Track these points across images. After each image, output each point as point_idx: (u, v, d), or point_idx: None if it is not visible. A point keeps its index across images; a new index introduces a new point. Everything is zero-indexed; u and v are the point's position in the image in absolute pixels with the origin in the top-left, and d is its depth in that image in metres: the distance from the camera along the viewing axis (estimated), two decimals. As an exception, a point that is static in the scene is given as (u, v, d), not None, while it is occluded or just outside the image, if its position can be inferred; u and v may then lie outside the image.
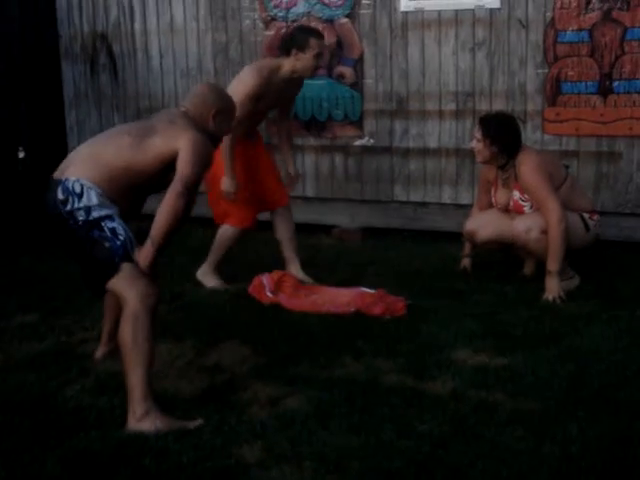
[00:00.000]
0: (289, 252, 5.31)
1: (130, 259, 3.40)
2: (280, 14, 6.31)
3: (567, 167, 5.13)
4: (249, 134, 5.14)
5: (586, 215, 5.00)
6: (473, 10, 5.86)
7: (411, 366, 3.88)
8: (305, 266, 5.49)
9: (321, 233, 6.49)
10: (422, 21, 6.01)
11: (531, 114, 5.82)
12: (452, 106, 6.04)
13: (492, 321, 4.45)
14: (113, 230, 3.40)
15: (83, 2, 7.03)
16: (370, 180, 6.39)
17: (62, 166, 3.56)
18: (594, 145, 5.70)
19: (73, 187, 3.40)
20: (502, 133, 4.86)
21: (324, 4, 6.22)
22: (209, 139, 3.60)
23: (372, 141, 6.32)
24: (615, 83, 5.58)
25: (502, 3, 5.77)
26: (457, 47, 5.95)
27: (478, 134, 4.90)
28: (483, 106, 5.93)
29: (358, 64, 6.25)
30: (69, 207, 3.38)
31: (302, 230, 6.37)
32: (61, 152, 7.11)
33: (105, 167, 3.46)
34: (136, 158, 3.47)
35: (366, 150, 6.35)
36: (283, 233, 5.32)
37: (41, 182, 3.67)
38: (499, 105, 5.88)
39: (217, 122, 3.68)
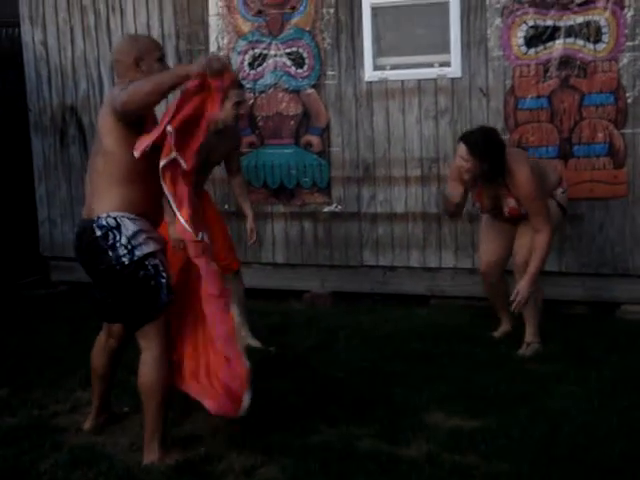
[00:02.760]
0: (239, 318, 5.30)
1: (170, 296, 3.58)
2: (248, 85, 6.43)
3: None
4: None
5: (559, 192, 5.08)
6: (435, 79, 6.03)
7: (385, 431, 3.91)
8: (276, 331, 5.53)
9: (292, 299, 6.53)
10: (386, 90, 6.16)
11: (495, 179, 5.95)
12: (417, 172, 6.17)
13: (464, 383, 4.50)
14: (156, 267, 3.54)
15: (52, 75, 7.12)
16: (339, 245, 6.47)
17: (85, 210, 3.68)
18: (557, 208, 5.83)
19: (107, 222, 3.52)
20: (490, 150, 4.78)
21: (290, 75, 6.36)
22: None
23: (340, 207, 6.41)
24: (575, 147, 5.74)
25: (463, 72, 5.95)
26: (421, 115, 6.10)
27: (464, 154, 4.78)
28: (447, 172, 6.03)
29: (325, 132, 6.37)
30: (111, 241, 3.50)
31: (272, 296, 6.43)
32: (31, 223, 7.21)
33: (111, 188, 3.54)
34: (114, 155, 3.54)
35: (335, 216, 6.44)
36: (233, 299, 5.31)
37: (11, 253, 3.73)
38: (463, 170, 6.01)
39: (143, 68, 3.61)
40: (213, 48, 6.53)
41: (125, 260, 3.50)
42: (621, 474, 3.40)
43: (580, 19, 5.65)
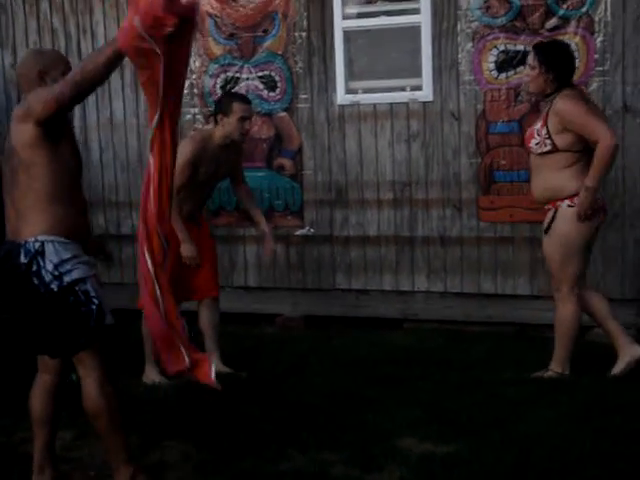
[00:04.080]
0: (210, 344, 5.28)
1: (103, 323, 3.40)
2: (219, 108, 6.41)
3: None
4: (194, 216, 5.20)
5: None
6: (407, 103, 6.05)
7: (357, 457, 3.88)
8: (248, 355, 5.50)
9: (264, 322, 6.49)
10: (358, 113, 6.17)
11: (466, 202, 5.98)
12: (390, 195, 6.17)
13: (436, 408, 4.48)
14: (87, 293, 3.39)
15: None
16: (312, 269, 6.45)
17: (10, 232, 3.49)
18: (528, 231, 5.85)
19: (34, 247, 3.36)
20: (558, 59, 4.78)
21: (263, 99, 6.35)
22: None
23: (313, 230, 6.40)
24: (546, 171, 5.76)
25: (435, 96, 5.97)
26: (393, 138, 6.12)
27: (533, 61, 4.79)
28: (420, 195, 6.08)
29: (297, 156, 6.37)
30: (35, 268, 3.34)
31: (244, 320, 6.39)
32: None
33: (38, 207, 3.38)
34: (37, 169, 3.38)
35: (307, 239, 6.43)
36: (207, 324, 5.30)
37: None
38: (435, 194, 6.04)
39: (49, 81, 3.48)
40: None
41: (54, 287, 3.35)
42: (593, 499, 3.40)
43: (550, 44, 5.70)
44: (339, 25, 6.14)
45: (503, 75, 5.82)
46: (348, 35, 6.17)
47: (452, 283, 6.10)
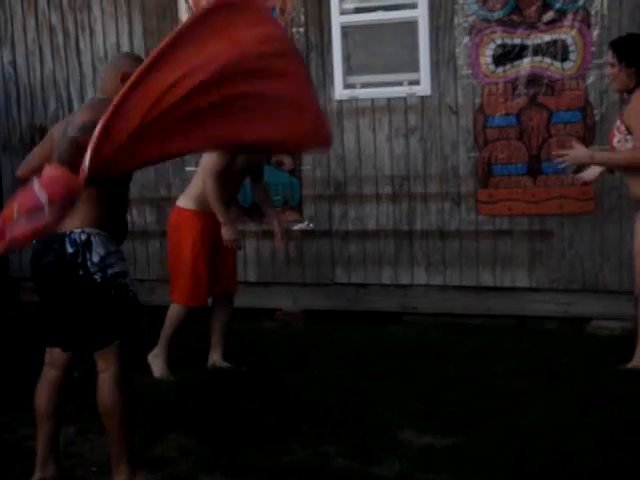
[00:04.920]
0: (217, 339, 5.30)
1: (137, 317, 3.54)
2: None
3: None
4: (226, 206, 5.16)
5: None
6: (405, 98, 6.07)
7: (358, 449, 3.90)
8: (248, 350, 5.52)
9: (263, 317, 6.51)
10: (356, 109, 6.19)
11: (465, 196, 6.00)
12: (388, 190, 6.19)
13: (436, 400, 4.50)
14: (125, 287, 3.51)
15: (21, 96, 7.09)
16: (311, 263, 6.47)
17: None
18: (527, 224, 5.88)
19: (80, 238, 3.44)
20: (637, 53, 4.71)
21: (261, 94, 6.36)
22: None
23: (312, 225, 6.42)
24: (543, 164, 5.79)
25: (433, 90, 5.99)
26: (391, 133, 6.14)
27: (612, 59, 4.76)
28: (418, 189, 6.10)
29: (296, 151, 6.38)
30: (80, 259, 3.43)
31: (244, 315, 6.41)
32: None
33: (82, 202, 3.38)
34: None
35: (306, 234, 6.45)
36: (219, 319, 5.32)
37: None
38: (434, 188, 6.06)
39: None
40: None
41: (97, 277, 3.44)
42: (592, 489, 3.42)
43: (547, 37, 5.72)
44: (337, 20, 6.15)
45: (500, 69, 5.83)
46: (346, 30, 6.18)
47: (451, 276, 6.12)
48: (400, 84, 6.10)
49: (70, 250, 3.44)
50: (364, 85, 6.20)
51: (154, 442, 4.08)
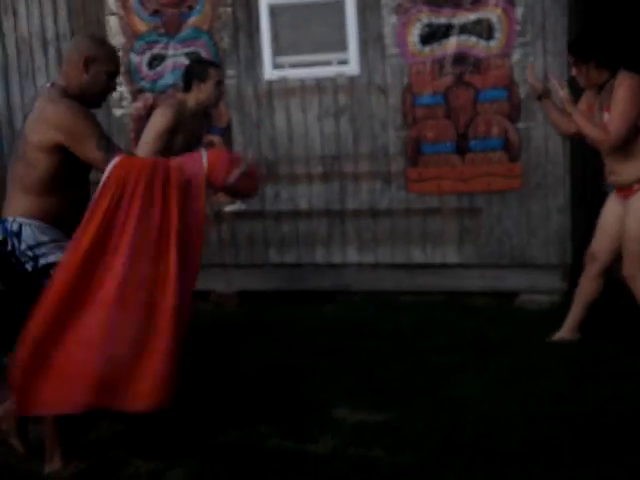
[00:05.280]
0: None
1: None
2: (148, 86, 6.38)
3: None
4: None
5: None
6: (334, 78, 6.09)
7: (292, 428, 3.94)
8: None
9: (197, 299, 6.49)
10: (286, 89, 6.19)
11: (395, 175, 6.06)
12: (319, 169, 6.22)
13: (369, 377, 4.57)
14: None
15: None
16: (244, 244, 6.47)
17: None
18: (456, 202, 5.97)
19: (11, 227, 3.47)
20: (592, 46, 4.64)
21: (189, 75, 6.31)
22: (82, 96, 3.52)
23: (244, 206, 6.41)
24: (471, 142, 5.88)
25: (361, 70, 6.02)
26: (321, 113, 6.15)
27: (571, 58, 4.71)
28: (349, 168, 6.14)
29: (226, 132, 6.36)
30: (9, 248, 3.45)
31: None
32: None
33: (26, 195, 3.48)
34: (36, 168, 3.47)
35: (239, 215, 6.44)
36: None
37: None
38: (364, 167, 6.10)
39: (91, 72, 3.54)
40: (110, 48, 6.44)
41: (28, 267, 3.45)
42: (520, 459, 3.51)
43: (473, 16, 5.78)
44: (264, 0, 6.13)
45: (428, 48, 5.88)
46: (273, 10, 6.16)
47: (383, 254, 6.19)
48: (329, 64, 6.12)
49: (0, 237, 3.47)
50: (293, 65, 6.20)
51: (88, 428, 4.06)
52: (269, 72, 6.20)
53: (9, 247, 3.46)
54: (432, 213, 6.03)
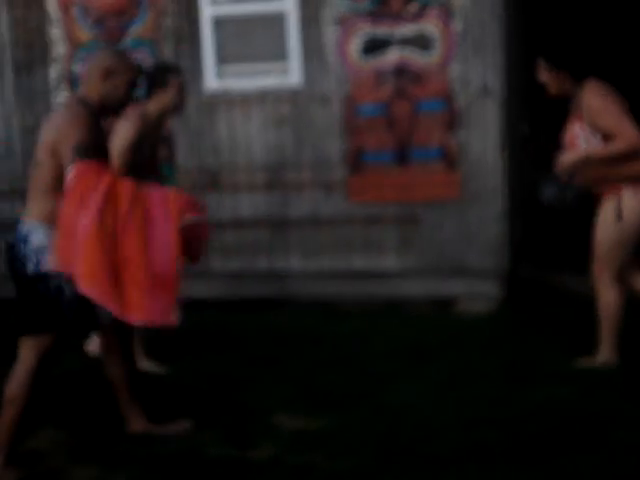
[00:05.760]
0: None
1: (63, 320, 3.55)
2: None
3: None
4: None
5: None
6: (277, 88, 6.15)
7: (233, 436, 3.97)
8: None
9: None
10: (229, 99, 6.23)
11: (336, 184, 6.13)
12: (262, 179, 6.26)
13: (309, 384, 4.61)
14: (58, 289, 3.52)
15: None
16: (186, 253, 6.47)
17: None
18: (396, 210, 6.07)
19: (22, 230, 3.57)
20: (565, 56, 4.71)
21: (132, 84, 6.32)
22: (103, 106, 3.68)
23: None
24: (411, 152, 5.98)
25: (303, 81, 6.09)
26: (264, 123, 6.21)
27: (543, 64, 4.74)
28: (292, 178, 6.20)
29: (168, 141, 6.36)
30: (18, 250, 3.55)
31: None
32: None
33: (37, 196, 3.59)
34: (43, 166, 3.59)
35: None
36: None
37: None
38: (307, 176, 6.17)
39: (108, 84, 3.67)
40: (51, 58, 6.43)
41: (30, 268, 3.53)
42: (455, 463, 3.59)
43: (413, 29, 5.90)
44: (207, 11, 6.17)
45: (369, 59, 5.98)
46: (217, 21, 6.21)
47: (325, 262, 6.26)
48: (271, 74, 6.18)
49: (12, 241, 3.60)
50: (236, 76, 6.24)
51: (26, 436, 4.03)
52: (211, 82, 6.24)
53: (17, 250, 3.56)
54: (373, 221, 6.11)
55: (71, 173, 3.46)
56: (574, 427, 3.88)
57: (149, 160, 5.15)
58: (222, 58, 6.25)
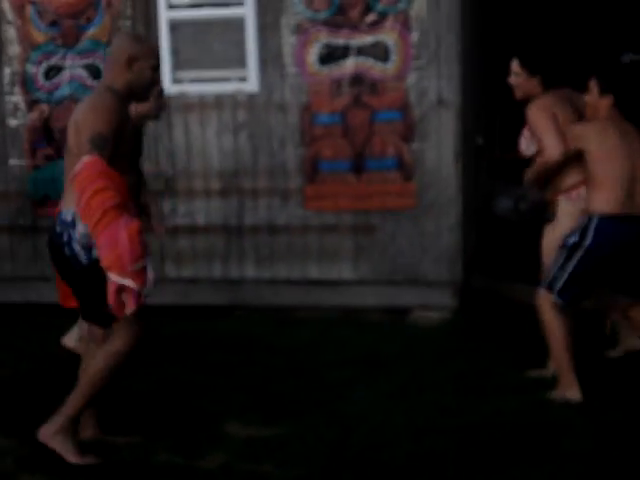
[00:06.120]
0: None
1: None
2: (43, 97, 6.30)
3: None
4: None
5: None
6: (234, 94, 6.13)
7: (182, 443, 3.94)
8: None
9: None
10: (185, 104, 6.20)
11: (293, 191, 6.13)
12: (218, 185, 6.24)
13: (262, 393, 4.60)
14: None
15: None
16: (140, 259, 6.41)
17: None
18: (351, 219, 6.08)
19: (66, 218, 3.53)
20: (541, 63, 4.73)
21: (87, 87, 6.25)
22: (130, 93, 3.71)
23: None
24: (367, 161, 6.00)
25: (260, 88, 6.08)
26: (220, 129, 6.18)
27: (516, 68, 4.76)
28: (247, 185, 6.18)
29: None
30: (66, 238, 3.53)
31: (70, 313, 6.28)
32: None
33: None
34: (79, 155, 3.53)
35: (135, 229, 6.38)
36: None
37: None
38: (263, 183, 6.16)
39: (135, 70, 3.68)
40: (6, 58, 6.35)
41: (82, 259, 3.51)
42: (407, 472, 3.60)
43: (370, 39, 5.92)
44: (164, 15, 6.14)
45: (326, 68, 5.99)
46: (174, 25, 6.17)
47: (280, 270, 6.24)
48: (229, 81, 6.16)
49: (58, 229, 3.58)
50: (193, 81, 6.22)
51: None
52: (168, 86, 6.18)
53: (65, 238, 3.53)
54: (329, 230, 6.12)
55: (80, 164, 3.43)
56: (525, 437, 3.92)
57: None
58: (179, 63, 6.23)
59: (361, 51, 5.93)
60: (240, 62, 6.11)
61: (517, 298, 6.03)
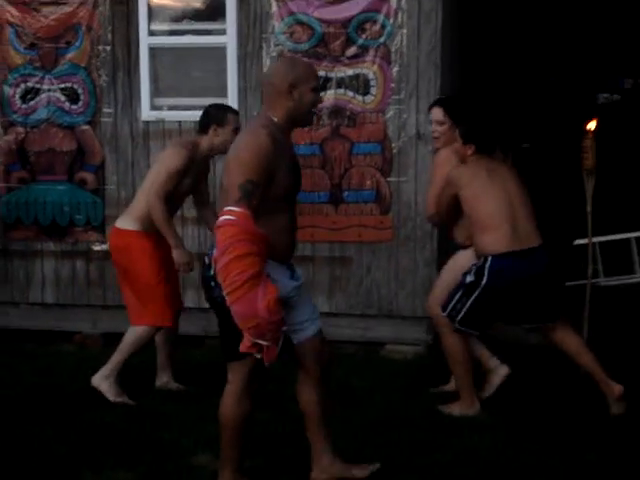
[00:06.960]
0: (166, 359, 5.30)
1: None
2: (20, 119, 6.26)
3: None
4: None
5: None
6: (213, 122, 6.10)
7: (151, 475, 3.88)
8: (44, 375, 5.34)
9: (61, 340, 6.32)
10: (163, 130, 6.17)
11: (268, 221, 6.08)
12: (193, 212, 6.17)
13: (233, 425, 4.53)
14: None
15: None
16: (112, 285, 6.33)
17: None
18: (327, 250, 6.05)
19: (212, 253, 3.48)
20: (467, 113, 4.76)
21: (64, 111, 6.22)
22: (292, 122, 3.58)
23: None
24: (345, 193, 6.00)
25: (241, 116, 6.04)
26: (198, 156, 6.14)
27: (439, 116, 4.80)
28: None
29: (100, 170, 6.28)
30: (211, 273, 3.48)
31: (41, 337, 6.20)
32: None
33: None
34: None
35: (108, 255, 6.29)
36: (169, 339, 5.30)
37: None
38: (239, 212, 6.10)
39: (297, 96, 3.53)
40: (-17, 79, 6.31)
41: (219, 297, 3.41)
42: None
43: (350, 71, 5.94)
44: (145, 41, 6.11)
45: (305, 99, 5.98)
46: (154, 51, 6.15)
47: (254, 300, 6.18)
48: (208, 108, 6.14)
49: (207, 261, 3.56)
50: (171, 107, 6.20)
51: None
52: (146, 113, 6.18)
53: (212, 272, 3.46)
54: (305, 261, 6.06)
55: (226, 215, 3.31)
56: (495, 476, 3.88)
57: (184, 195, 5.08)
58: (158, 89, 6.20)
59: (341, 83, 5.95)
60: (221, 90, 6.08)
61: (491, 333, 6.01)
